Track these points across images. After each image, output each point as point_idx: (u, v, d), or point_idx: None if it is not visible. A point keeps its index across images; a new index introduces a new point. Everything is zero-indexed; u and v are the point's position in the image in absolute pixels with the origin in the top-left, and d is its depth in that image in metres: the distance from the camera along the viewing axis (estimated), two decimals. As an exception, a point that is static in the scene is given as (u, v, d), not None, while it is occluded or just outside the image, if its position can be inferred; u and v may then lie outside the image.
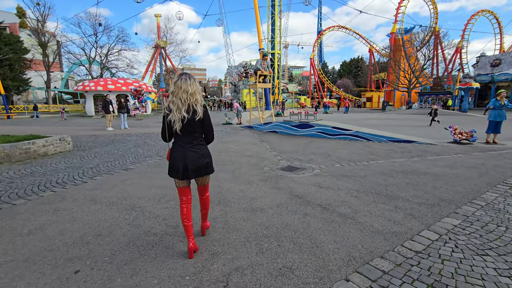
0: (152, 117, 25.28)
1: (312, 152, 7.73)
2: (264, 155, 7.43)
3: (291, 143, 9.31)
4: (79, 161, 6.77)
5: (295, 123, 10.89)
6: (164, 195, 4.28)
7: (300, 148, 8.36)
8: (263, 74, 12.68)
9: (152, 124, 17.28)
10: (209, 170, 2.61)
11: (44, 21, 35.20)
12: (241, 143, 9.36)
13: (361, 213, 3.52)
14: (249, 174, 5.50)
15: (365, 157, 6.95)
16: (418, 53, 33.47)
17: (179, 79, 2.40)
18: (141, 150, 8.24)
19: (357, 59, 76.56)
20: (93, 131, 13.07)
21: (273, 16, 39.80)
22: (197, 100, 2.41)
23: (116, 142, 9.72)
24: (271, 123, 12.15)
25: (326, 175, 5.38)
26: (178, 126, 2.36)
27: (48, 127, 15.42)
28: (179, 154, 2.45)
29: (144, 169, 5.96)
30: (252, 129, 13.37)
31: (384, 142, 8.92)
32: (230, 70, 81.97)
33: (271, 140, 10.06)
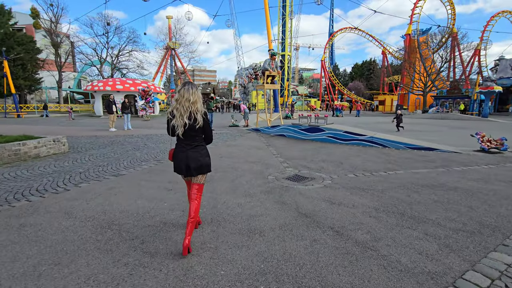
0: (159, 118, 25.00)
1: (323, 159, 7.05)
2: (269, 161, 6.80)
3: (300, 148, 8.65)
4: (70, 164, 6.31)
5: (304, 127, 10.22)
6: (150, 209, 3.71)
7: (309, 154, 7.70)
8: (271, 75, 12.07)
9: (157, 125, 16.90)
10: (208, 169, 2.79)
11: (57, 22, 35.66)
12: (246, 147, 8.76)
13: (384, 241, 2.85)
14: (250, 184, 4.88)
15: (382, 166, 6.23)
16: (434, 55, 32.15)
17: (183, 88, 2.59)
18: (139, 153, 7.75)
19: (370, 61, 75.07)
20: (95, 131, 12.73)
21: (284, 17, 39.24)
22: (197, 109, 2.60)
23: (115, 144, 9.28)
24: (279, 126, 11.52)
25: (338, 188, 4.71)
26: (181, 131, 2.57)
27: (52, 127, 15.23)
28: (182, 155, 2.67)
29: (137, 175, 5.43)
30: (259, 132, 12.76)
31: (402, 149, 8.15)
32: (240, 72, 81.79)
33: (278, 144, 9.43)
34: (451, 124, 19.25)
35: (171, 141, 3.06)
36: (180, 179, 5.19)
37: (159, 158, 7.04)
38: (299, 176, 5.49)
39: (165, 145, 9.20)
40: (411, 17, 36.64)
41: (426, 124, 18.73)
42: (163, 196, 4.21)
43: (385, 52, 54.30)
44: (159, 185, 4.78)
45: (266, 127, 12.49)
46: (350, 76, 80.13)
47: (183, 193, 4.31)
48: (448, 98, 32.14)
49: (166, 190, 4.49)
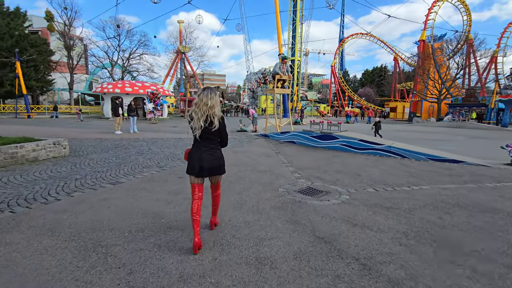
0: (168, 121, 24.81)
1: (337, 169, 6.51)
2: (279, 170, 6.30)
3: (312, 156, 8.12)
4: (68, 169, 5.94)
5: (316, 134, 9.69)
6: (145, 226, 3.26)
7: (322, 163, 7.16)
8: (282, 79, 11.61)
9: (164, 129, 16.62)
10: (221, 171, 2.93)
11: (71, 24, 36.21)
12: (254, 155, 8.29)
13: (423, 281, 2.31)
14: (259, 198, 4.39)
15: (404, 180, 5.65)
16: (449, 62, 31.15)
17: (202, 93, 2.71)
18: (142, 158, 7.36)
19: (381, 67, 74.06)
20: (101, 134, 12.48)
21: (294, 22, 38.93)
22: (215, 113, 2.70)
23: (119, 148, 8.94)
24: (289, 133, 11.01)
25: (358, 205, 4.17)
26: (198, 133, 2.69)
27: (58, 128, 15.08)
28: (196, 156, 2.78)
29: (136, 184, 5.01)
30: (268, 138, 12.28)
31: (423, 160, 7.53)
32: (249, 77, 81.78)
33: (288, 152, 8.92)
34: (469, 133, 18.38)
35: (187, 142, 3.37)
36: (181, 190, 4.75)
37: (162, 165, 6.63)
38: (313, 189, 4.97)
39: (170, 150, 8.81)
40: (425, 23, 35.81)
41: (442, 133, 17.91)
42: (161, 210, 3.76)
43: (397, 58, 53.37)
44: (159, 196, 4.33)
45: (275, 133, 12.01)
46: (360, 82, 79.20)
47: (183, 207, 3.86)
48: (463, 106, 31.07)
49: (165, 203, 4.04)
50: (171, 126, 19.49)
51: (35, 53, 28.59)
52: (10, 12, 29.57)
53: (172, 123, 22.20)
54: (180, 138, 11.66)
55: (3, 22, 27.16)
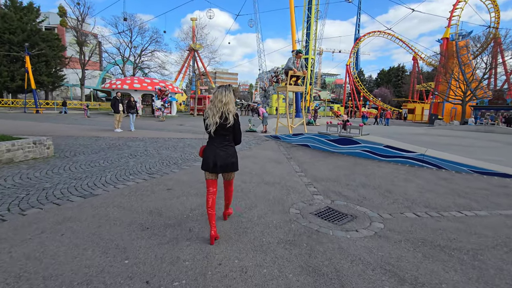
0: (175, 119, 24.06)
1: (362, 182, 5.36)
2: (291, 182, 5.22)
3: (329, 164, 6.98)
4: (42, 175, 5.05)
5: (333, 137, 8.53)
6: (97, 272, 2.25)
7: (342, 173, 6.02)
8: (296, 75, 10.46)
9: (170, 127, 15.76)
10: (234, 168, 2.95)
11: (83, 20, 36.11)
12: (262, 160, 7.22)
13: None
14: (264, 224, 3.34)
15: (450, 201, 4.46)
16: (475, 61, 28.98)
17: (217, 91, 2.82)
18: (133, 162, 6.42)
19: (398, 67, 71.44)
20: (99, 131, 11.70)
21: (309, 19, 37.51)
22: (229, 109, 2.79)
23: (112, 148, 8.06)
24: (302, 135, 9.88)
25: (399, 240, 3.05)
26: (212, 130, 2.78)
27: (59, 124, 14.45)
28: (211, 152, 2.84)
29: (112, 198, 4.04)
30: (279, 140, 11.18)
31: (466, 172, 6.26)
32: (261, 76, 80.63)
33: (301, 157, 7.81)
34: (503, 139, 16.66)
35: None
36: (166, 208, 3.75)
37: (153, 171, 5.66)
38: (334, 211, 3.87)
39: (168, 152, 7.86)
40: (449, 20, 33.66)
41: (471, 138, 16.29)
42: (129, 243, 2.76)
43: (416, 57, 51.00)
44: (134, 218, 3.34)
45: (287, 134, 10.90)
46: (376, 82, 76.76)
47: (160, 236, 2.85)
48: (489, 108, 28.91)
49: (138, 231, 3.03)
50: (178, 124, 18.67)
51: (46, 48, 28.43)
52: (24, 7, 29.59)
53: (179, 121, 21.41)
54: (182, 138, 10.73)
55: (15, 17, 27.11)
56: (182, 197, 4.19)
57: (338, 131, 8.91)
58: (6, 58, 26.70)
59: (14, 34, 26.47)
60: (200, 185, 4.77)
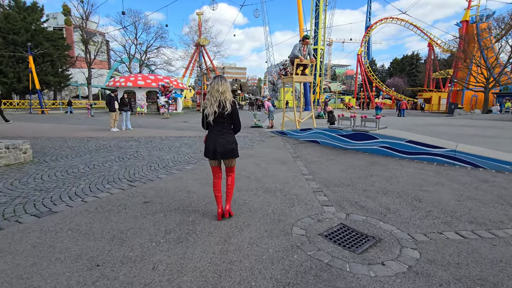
0: (180, 116, 23.42)
1: (383, 187, 4.41)
2: (296, 188, 4.33)
3: (342, 164, 6.03)
4: (5, 187, 4.35)
5: (346, 132, 7.55)
6: None
7: (357, 175, 5.08)
8: (302, 64, 9.44)
9: (172, 124, 15.05)
10: (234, 155, 3.08)
11: (87, 18, 35.78)
12: (265, 160, 6.34)
13: None
14: (256, 256, 2.48)
15: (501, 213, 3.48)
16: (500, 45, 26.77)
17: (213, 81, 2.96)
18: (117, 166, 5.67)
19: (412, 55, 68.50)
20: (95, 131, 11.07)
21: (317, 8, 35.90)
22: (226, 98, 2.92)
23: (101, 150, 7.36)
24: (311, 130, 8.92)
25: (447, 280, 2.13)
26: (211, 118, 2.90)
27: (55, 124, 13.96)
28: (211, 140, 3.00)
29: (72, 216, 3.26)
30: (285, 136, 10.26)
31: (509, 172, 5.20)
32: (269, 69, 79.14)
33: (310, 156, 6.88)
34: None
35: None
36: (133, 232, 2.94)
37: (136, 177, 4.88)
38: (350, 232, 2.97)
39: (160, 153, 7.09)
40: (469, 1, 31.36)
41: (498, 128, 14.84)
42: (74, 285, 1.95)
43: (432, 44, 48.43)
44: (86, 248, 2.54)
45: (294, 130, 9.95)
46: (389, 72, 74.05)
47: (110, 279, 2.03)
48: (514, 95, 26.88)
49: (84, 270, 2.23)
50: (182, 121, 17.98)
51: (51, 48, 28.20)
52: (27, 7, 29.39)
53: (184, 118, 20.73)
54: (180, 137, 9.95)
55: (18, 17, 26.91)
56: (159, 213, 3.38)
57: (351, 124, 7.91)
58: (11, 59, 26.61)
59: (18, 35, 26.29)
60: (185, 196, 3.96)
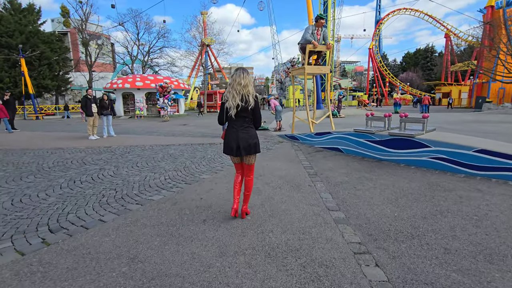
0: (181, 118, 21.74)
1: (475, 242, 2.44)
2: (322, 246, 2.40)
3: (384, 188, 4.07)
4: None
5: (380, 137, 5.57)
6: None
7: (417, 213, 3.10)
8: (317, 51, 7.47)
9: (166, 128, 13.30)
10: (257, 150, 2.96)
11: (87, 19, 34.64)
12: (270, 182, 4.44)
13: None
14: None
15: None
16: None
17: (235, 73, 2.85)
18: (55, 198, 3.89)
19: (426, 48, 65.18)
20: (71, 140, 9.37)
21: (326, 1, 33.74)
22: (249, 91, 2.83)
23: (54, 169, 5.61)
24: (330, 134, 6.97)
25: None
26: (233, 112, 2.81)
27: (38, 132, 12.39)
28: (233, 135, 2.89)
29: None
30: (296, 141, 8.34)
31: None
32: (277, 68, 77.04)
33: (332, 173, 4.93)
34: None
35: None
36: None
37: (61, 226, 3.06)
38: None
39: (132, 171, 5.28)
40: (493, -15, 28.54)
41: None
42: None
43: (449, 34, 45.39)
44: None
45: (307, 134, 8.01)
46: (401, 66, 70.88)
47: None
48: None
49: None
50: (181, 124, 16.27)
51: (47, 50, 27.00)
52: (23, 9, 28.32)
53: (185, 121, 19.04)
54: (168, 146, 8.14)
55: (13, 19, 25.78)
56: None
57: (385, 127, 5.92)
58: (6, 63, 25.52)
59: (12, 37, 25.15)
60: (125, 269, 2.10)
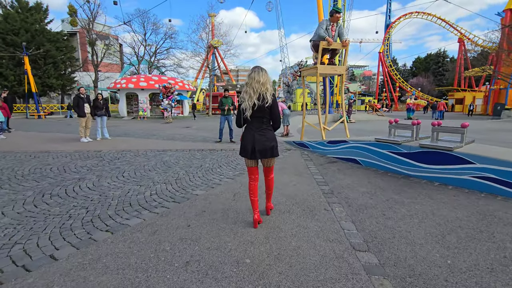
0: (185, 120, 21.08)
1: None
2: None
3: (423, 216, 3.18)
4: None
5: (407, 149, 4.70)
6: None
7: (472, 261, 2.22)
8: (332, 48, 6.62)
9: (167, 131, 12.59)
10: (274, 153, 2.83)
11: (94, 19, 34.48)
12: (277, 203, 3.60)
13: None
14: None
15: None
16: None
17: (253, 71, 2.75)
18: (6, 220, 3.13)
19: (437, 53, 63.68)
20: (61, 142, 8.70)
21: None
22: (267, 89, 2.71)
23: (27, 177, 4.88)
24: (345, 143, 6.11)
25: None
26: (249, 113, 2.70)
27: (33, 133, 11.79)
28: (249, 137, 2.77)
29: None
30: (306, 149, 7.49)
31: None
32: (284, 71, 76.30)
33: (352, 192, 4.06)
34: None
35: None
36: None
37: None
38: None
39: (116, 182, 4.51)
40: (513, -13, 27.32)
41: None
42: None
43: (463, 39, 44.03)
44: None
45: (319, 141, 7.15)
46: (411, 71, 69.45)
47: None
48: None
49: None
50: (183, 126, 15.57)
51: (52, 49, 26.74)
52: (31, 7, 28.20)
53: (189, 123, 18.35)
54: (164, 151, 7.38)
55: (19, 17, 25.60)
56: None
57: (413, 137, 5.03)
58: (12, 62, 25.29)
59: (17, 35, 24.93)
60: None
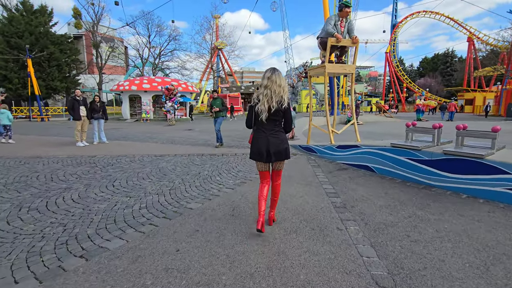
0: (188, 123, 20.71)
1: None
2: None
3: (451, 238, 2.66)
4: None
5: (429, 155, 4.17)
6: None
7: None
8: (341, 45, 6.12)
9: (167, 134, 12.18)
10: (287, 155, 2.77)
11: (98, 21, 34.51)
12: (281, 220, 3.11)
13: None
14: None
15: None
16: None
17: (273, 74, 2.63)
18: (-29, 241, 2.70)
19: (445, 53, 62.49)
20: (56, 146, 8.35)
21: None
22: (285, 92, 2.68)
23: (12, 186, 4.48)
24: (357, 148, 5.59)
25: None
26: (265, 116, 2.61)
27: (32, 136, 11.50)
28: (263, 140, 2.68)
29: None
30: (313, 153, 6.98)
31: None
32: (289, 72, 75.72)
33: (369, 206, 3.55)
34: None
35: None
36: None
37: None
38: None
39: (104, 194, 4.08)
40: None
41: None
42: None
43: (472, 38, 42.99)
44: None
45: (327, 146, 6.64)
46: (418, 72, 68.31)
47: None
48: None
49: None
50: (186, 129, 15.17)
51: (56, 51, 26.69)
52: (35, 10, 28.25)
53: (191, 125, 17.96)
54: (161, 156, 6.95)
55: (23, 20, 25.62)
56: None
57: (434, 142, 4.50)
58: (16, 64, 25.29)
59: (21, 38, 24.93)
60: None
